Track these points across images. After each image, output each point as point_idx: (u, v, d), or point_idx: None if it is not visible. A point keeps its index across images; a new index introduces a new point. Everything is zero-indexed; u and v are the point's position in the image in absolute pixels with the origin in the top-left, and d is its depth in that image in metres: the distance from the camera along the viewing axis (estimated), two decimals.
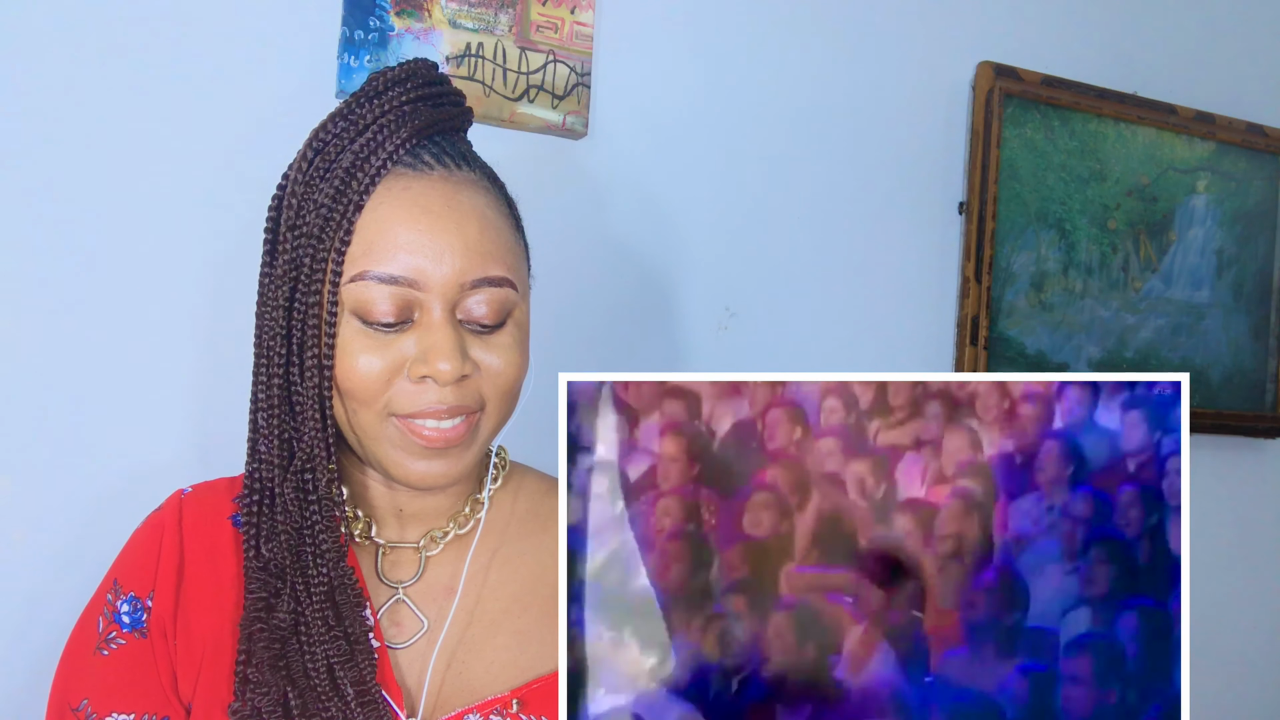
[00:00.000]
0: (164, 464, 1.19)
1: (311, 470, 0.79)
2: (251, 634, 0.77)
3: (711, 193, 1.52)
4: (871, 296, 1.64)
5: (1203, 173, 1.88)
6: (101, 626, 0.82)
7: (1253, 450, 1.98)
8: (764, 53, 1.56)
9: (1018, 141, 1.69)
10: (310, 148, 0.80)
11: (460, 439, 0.79)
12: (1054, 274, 1.74)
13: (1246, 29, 1.98)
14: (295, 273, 0.78)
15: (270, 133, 1.23)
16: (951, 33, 1.69)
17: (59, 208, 1.16)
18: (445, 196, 0.78)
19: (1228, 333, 1.91)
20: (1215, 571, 1.91)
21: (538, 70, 1.37)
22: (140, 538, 0.85)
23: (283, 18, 1.26)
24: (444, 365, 0.76)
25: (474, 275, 0.78)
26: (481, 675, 0.82)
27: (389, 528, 0.87)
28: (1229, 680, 1.94)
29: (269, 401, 0.80)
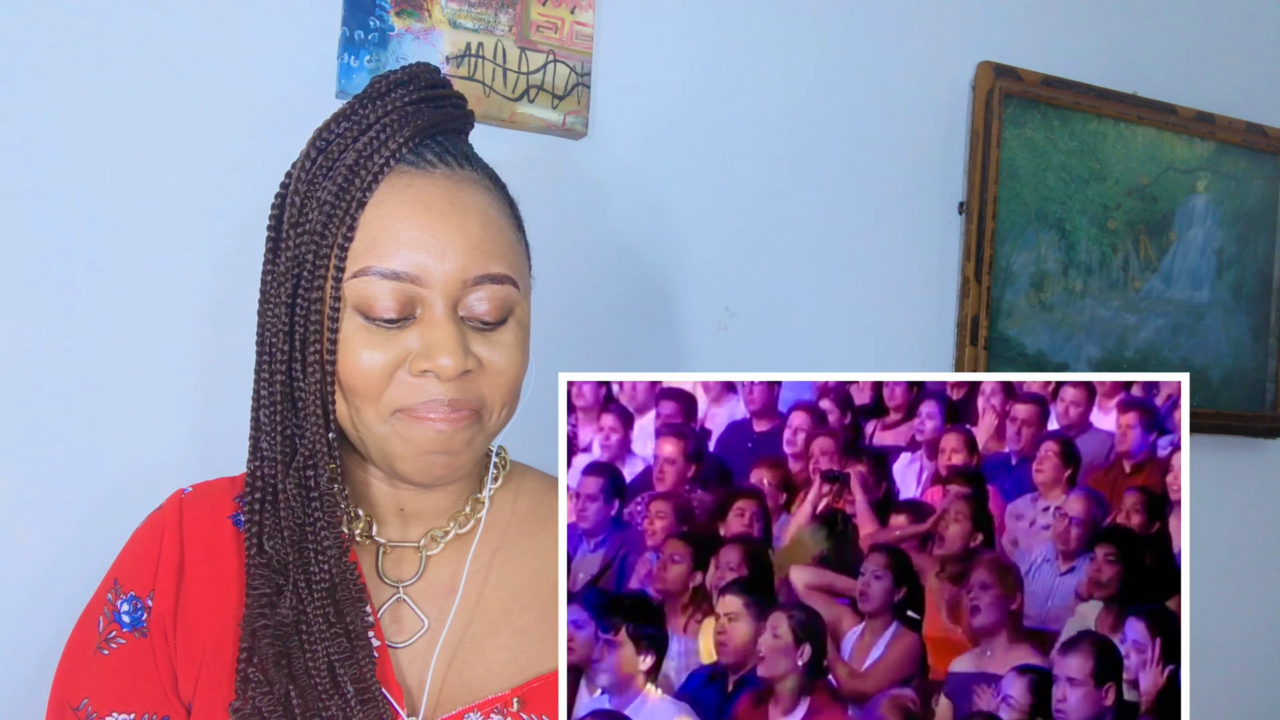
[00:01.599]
0: (164, 464, 1.19)
1: (314, 466, 0.79)
2: (255, 630, 0.77)
3: (711, 193, 1.52)
4: (871, 296, 1.64)
5: (1203, 173, 1.88)
6: (102, 626, 0.82)
7: (1253, 450, 1.98)
8: (764, 53, 1.56)
9: (1018, 141, 1.69)
10: (314, 146, 0.80)
11: (465, 421, 0.79)
12: (1054, 274, 1.74)
13: (1246, 29, 1.98)
14: (298, 269, 0.78)
15: (270, 132, 1.23)
16: (951, 33, 1.69)
17: (59, 207, 1.17)
18: (448, 194, 0.79)
19: (1228, 333, 1.91)
20: (1215, 571, 1.91)
21: (538, 70, 1.37)
22: (140, 537, 0.85)
23: (283, 18, 1.26)
24: (446, 360, 0.76)
25: (476, 272, 0.78)
26: (482, 674, 0.82)
27: (390, 527, 0.87)
28: (1229, 680, 1.94)
29: (271, 398, 0.80)
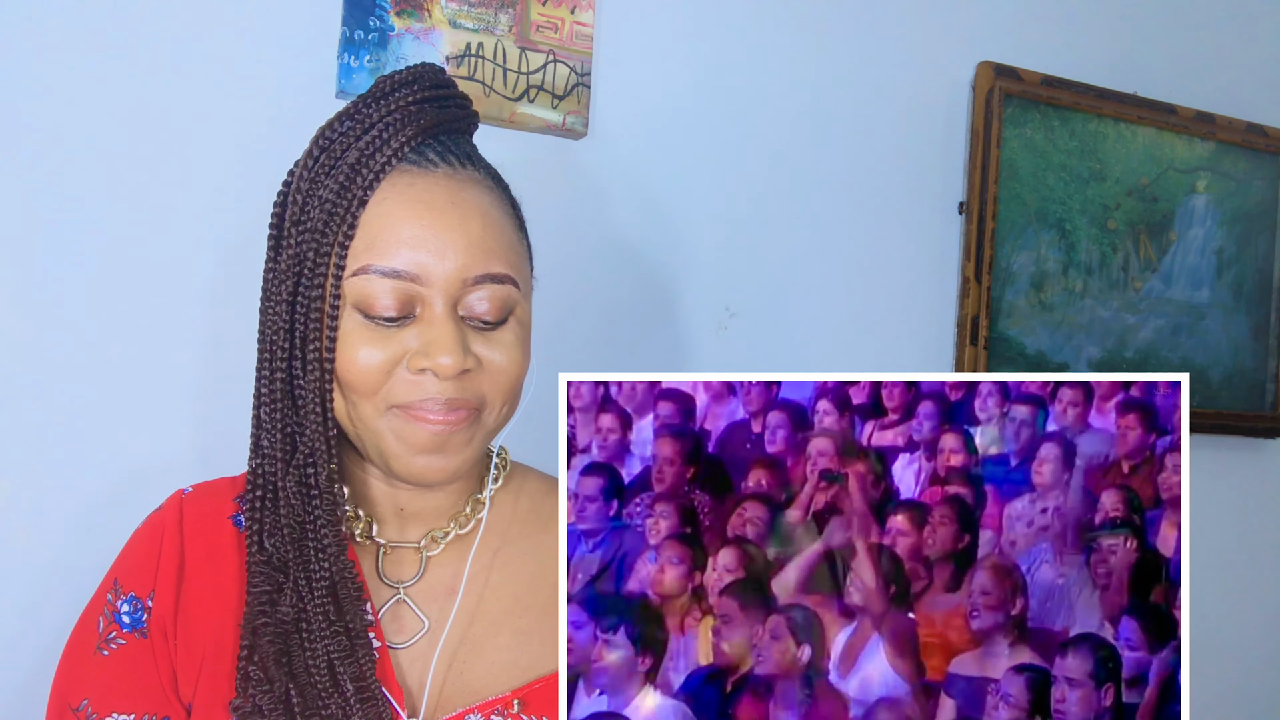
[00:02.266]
0: (164, 463, 1.20)
1: (313, 465, 0.79)
2: (256, 629, 0.77)
3: (711, 193, 1.52)
4: (871, 296, 1.64)
5: (1203, 173, 1.87)
6: (102, 626, 0.82)
7: (1253, 450, 1.98)
8: (764, 53, 1.56)
9: (1018, 141, 1.69)
10: (316, 145, 0.80)
11: (462, 422, 0.79)
12: (1054, 274, 1.74)
13: (1246, 29, 1.98)
14: (299, 267, 0.78)
15: (271, 132, 1.23)
16: (951, 33, 1.69)
17: (59, 206, 1.17)
18: (449, 193, 0.79)
19: (1228, 333, 1.91)
20: (1215, 571, 1.91)
21: (538, 70, 1.37)
22: (140, 538, 0.85)
23: (283, 18, 1.26)
24: (444, 359, 0.76)
25: (476, 271, 0.78)
26: (482, 675, 0.82)
27: (390, 527, 0.87)
28: (1229, 680, 1.94)
29: (271, 396, 0.80)
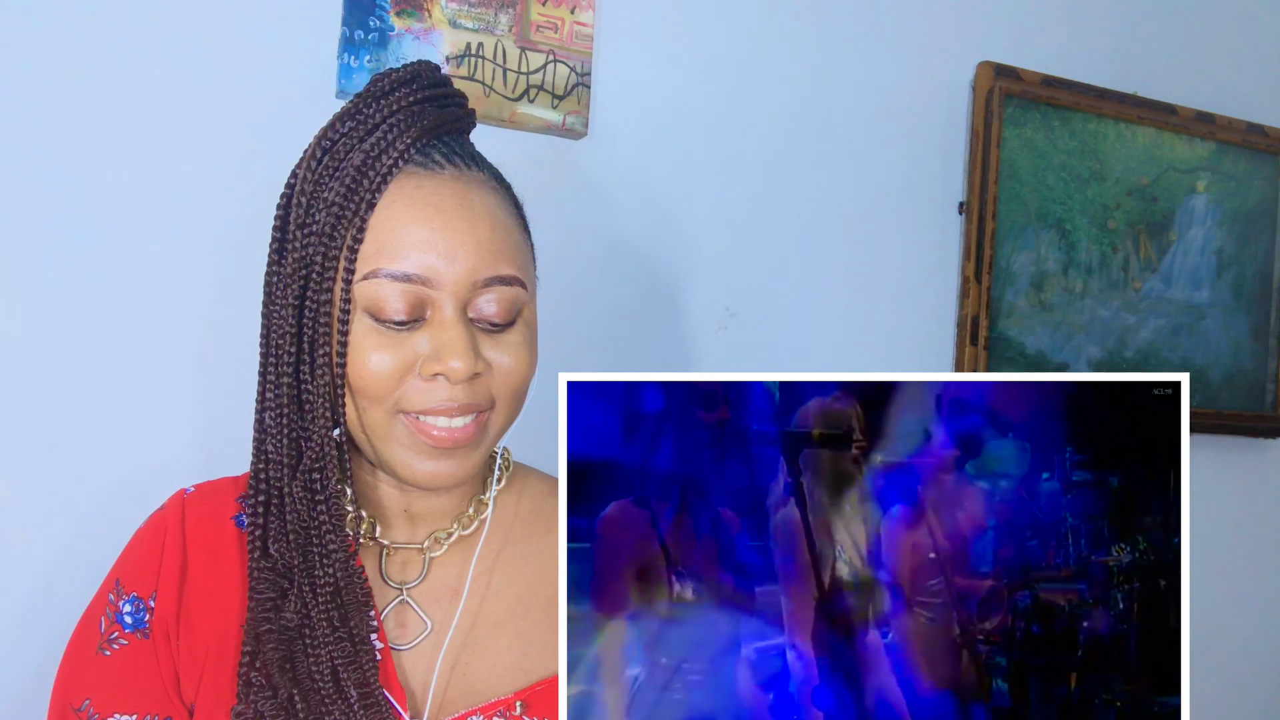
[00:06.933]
0: (166, 464, 1.19)
1: (320, 470, 0.79)
2: (259, 634, 0.77)
3: (711, 193, 1.52)
4: (871, 296, 1.64)
5: (1203, 173, 1.88)
6: (104, 627, 0.82)
7: (1253, 450, 1.99)
8: (764, 53, 1.56)
9: (1018, 141, 1.69)
10: (319, 147, 0.80)
11: (469, 439, 0.79)
12: (1054, 274, 1.74)
13: (1246, 29, 1.98)
14: (306, 271, 0.78)
15: (271, 133, 1.23)
16: (951, 33, 1.69)
17: (60, 207, 1.16)
18: (458, 195, 0.79)
19: (1228, 333, 1.91)
20: (1215, 571, 1.91)
21: (538, 70, 1.37)
22: (142, 538, 0.85)
23: (283, 18, 1.26)
24: (457, 363, 0.76)
25: (486, 274, 0.78)
26: (485, 677, 0.82)
27: (395, 528, 0.87)
28: (1229, 680, 1.94)
29: (278, 401, 0.80)
